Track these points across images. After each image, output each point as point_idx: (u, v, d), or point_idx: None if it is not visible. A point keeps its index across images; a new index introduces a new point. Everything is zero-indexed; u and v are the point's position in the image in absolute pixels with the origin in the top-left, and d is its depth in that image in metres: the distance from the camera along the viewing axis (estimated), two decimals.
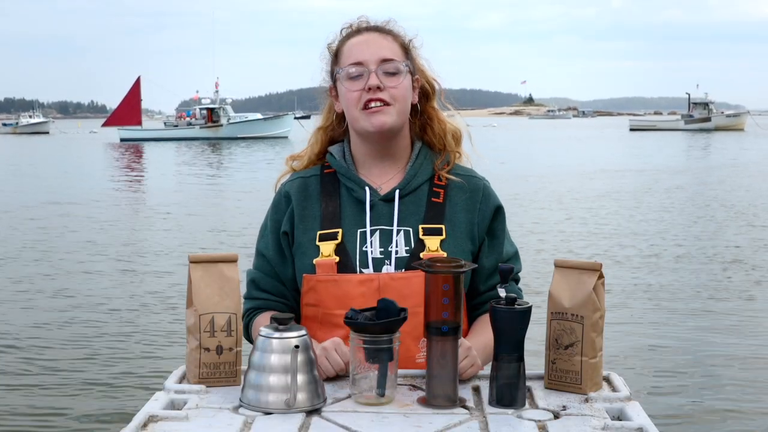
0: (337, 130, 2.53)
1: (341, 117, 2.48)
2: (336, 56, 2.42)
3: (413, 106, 2.44)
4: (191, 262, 2.10)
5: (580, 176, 27.19)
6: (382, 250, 2.33)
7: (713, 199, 20.30)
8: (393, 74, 2.35)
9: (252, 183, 25.44)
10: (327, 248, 2.33)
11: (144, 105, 73.84)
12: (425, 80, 2.48)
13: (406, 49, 2.42)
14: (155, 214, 18.13)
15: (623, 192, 22.04)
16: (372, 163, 2.44)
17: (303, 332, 1.92)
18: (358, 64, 2.35)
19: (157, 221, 16.94)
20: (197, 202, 20.71)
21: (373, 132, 2.35)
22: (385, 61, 2.35)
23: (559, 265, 2.10)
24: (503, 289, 2.01)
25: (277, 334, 1.90)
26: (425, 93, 2.48)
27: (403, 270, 2.31)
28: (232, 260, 2.13)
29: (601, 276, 2.05)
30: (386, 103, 2.34)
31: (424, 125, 2.49)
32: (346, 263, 2.32)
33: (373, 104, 2.33)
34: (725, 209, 18.03)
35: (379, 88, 2.32)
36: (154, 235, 14.93)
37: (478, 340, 2.25)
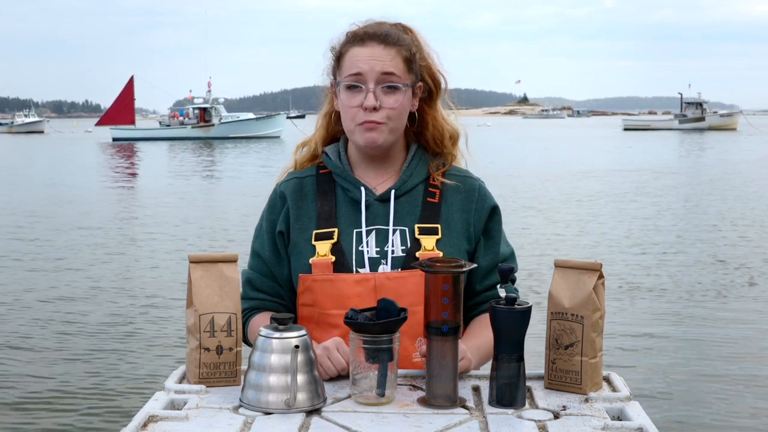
0: (335, 127, 2.51)
1: (339, 115, 2.47)
2: (338, 61, 2.39)
3: (411, 114, 2.42)
4: (191, 262, 2.10)
5: (571, 176, 27.21)
6: (378, 249, 2.33)
7: (706, 198, 20.35)
8: (392, 90, 2.33)
9: (245, 183, 25.45)
10: (323, 248, 2.33)
11: (138, 104, 73.85)
12: (431, 77, 2.44)
13: (410, 61, 2.37)
14: (151, 214, 18.10)
15: (614, 192, 22.05)
16: (367, 166, 2.44)
17: (303, 332, 1.91)
18: (358, 75, 2.32)
19: (154, 221, 16.91)
20: (191, 202, 20.68)
21: (364, 147, 2.37)
22: (385, 74, 2.32)
23: (559, 265, 2.10)
24: (503, 290, 2.01)
25: (277, 334, 1.89)
26: (429, 92, 2.45)
27: (400, 269, 2.31)
28: (232, 260, 2.12)
29: (601, 276, 2.05)
30: (380, 123, 2.33)
31: (421, 129, 2.48)
32: (342, 263, 2.32)
33: (366, 123, 2.33)
34: (717, 209, 18.06)
35: (375, 109, 2.31)
36: (151, 235, 14.91)
37: (472, 343, 2.24)
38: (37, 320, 8.65)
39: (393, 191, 2.39)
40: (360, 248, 2.33)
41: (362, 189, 2.39)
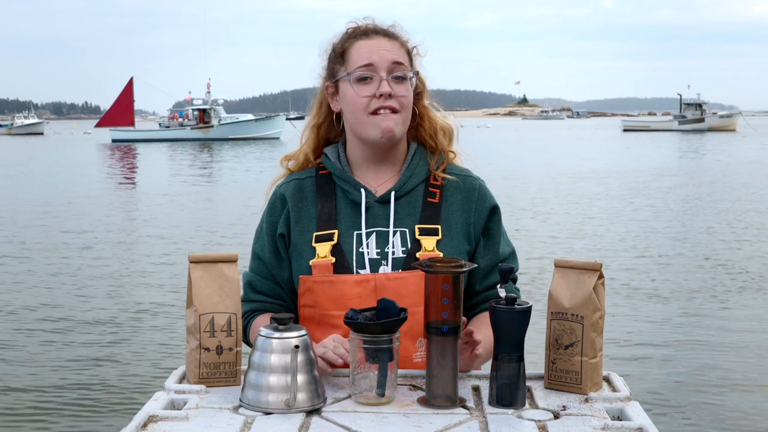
0: (332, 130, 2.51)
1: (338, 117, 2.46)
2: (341, 56, 2.40)
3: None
4: (191, 262, 2.10)
5: (569, 178, 27.19)
6: (379, 251, 2.33)
7: (705, 199, 20.35)
8: (402, 80, 2.35)
9: (244, 183, 25.46)
10: (323, 249, 2.32)
11: (138, 106, 73.83)
12: (419, 77, 2.46)
13: (410, 55, 2.41)
14: (150, 214, 18.09)
15: (613, 194, 22.03)
16: (368, 166, 2.43)
17: (303, 332, 1.91)
18: (369, 66, 2.33)
19: (153, 221, 16.90)
20: (190, 203, 20.68)
21: (379, 137, 2.34)
22: (395, 63, 2.34)
23: (559, 265, 2.10)
24: (503, 289, 2.01)
25: (277, 334, 1.89)
26: (418, 90, 2.47)
27: (400, 270, 2.30)
28: (232, 260, 2.12)
29: (601, 276, 2.05)
30: (394, 111, 2.34)
31: (417, 125, 2.48)
32: (342, 264, 2.31)
33: (382, 111, 2.33)
34: (716, 210, 18.06)
35: (390, 96, 2.32)
36: (151, 235, 14.89)
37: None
38: (33, 320, 8.63)
39: (393, 193, 2.38)
40: (360, 250, 2.33)
41: (362, 191, 2.38)
